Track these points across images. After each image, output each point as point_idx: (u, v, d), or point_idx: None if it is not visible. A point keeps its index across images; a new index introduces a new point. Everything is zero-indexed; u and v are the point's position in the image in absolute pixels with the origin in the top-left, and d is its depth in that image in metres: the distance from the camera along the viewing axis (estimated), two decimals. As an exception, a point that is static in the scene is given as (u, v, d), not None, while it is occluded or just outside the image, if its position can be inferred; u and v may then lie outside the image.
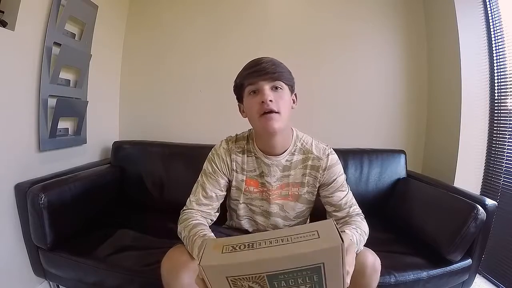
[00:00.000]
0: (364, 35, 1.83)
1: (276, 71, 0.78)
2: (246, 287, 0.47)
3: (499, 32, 1.48)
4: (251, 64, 0.81)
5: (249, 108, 0.82)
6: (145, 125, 1.92)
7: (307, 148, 0.91)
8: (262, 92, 0.78)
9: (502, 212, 1.38)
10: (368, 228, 0.86)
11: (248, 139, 0.93)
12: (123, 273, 1.04)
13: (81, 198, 1.25)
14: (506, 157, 1.45)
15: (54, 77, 1.31)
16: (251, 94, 0.81)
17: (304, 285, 0.48)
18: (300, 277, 0.47)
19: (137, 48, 1.89)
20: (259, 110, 0.78)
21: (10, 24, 1.10)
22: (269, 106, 0.77)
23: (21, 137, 1.20)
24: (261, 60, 0.80)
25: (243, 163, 0.91)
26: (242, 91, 0.84)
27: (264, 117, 0.78)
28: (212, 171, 0.91)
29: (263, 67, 0.78)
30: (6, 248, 1.13)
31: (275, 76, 0.78)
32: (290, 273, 0.46)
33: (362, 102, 1.86)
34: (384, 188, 1.56)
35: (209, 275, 0.46)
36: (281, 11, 1.85)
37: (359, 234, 0.79)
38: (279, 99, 0.79)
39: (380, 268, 0.79)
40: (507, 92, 1.47)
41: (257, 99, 0.79)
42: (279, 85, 0.80)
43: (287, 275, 0.46)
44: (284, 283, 0.47)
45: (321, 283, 0.47)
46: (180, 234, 0.83)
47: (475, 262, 1.18)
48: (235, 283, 0.47)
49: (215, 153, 0.92)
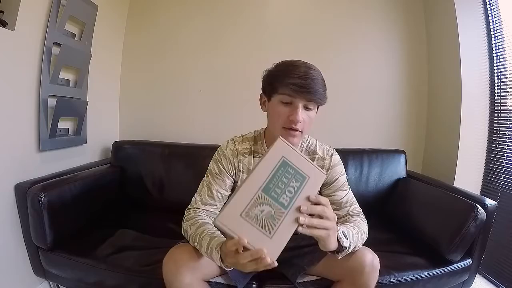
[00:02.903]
0: (364, 35, 1.83)
1: (316, 92, 0.76)
2: (259, 212, 0.58)
3: (499, 32, 1.48)
4: (294, 73, 0.75)
5: (275, 113, 0.80)
6: (145, 125, 1.92)
7: (312, 149, 0.94)
8: (296, 111, 0.76)
9: (502, 212, 1.38)
10: (367, 228, 0.86)
11: (256, 140, 0.94)
12: (123, 273, 1.04)
13: (81, 198, 1.25)
14: (506, 157, 1.45)
15: (54, 77, 1.31)
16: (284, 103, 0.78)
17: (292, 182, 0.61)
18: (283, 177, 0.61)
19: (137, 48, 1.89)
20: (285, 123, 0.78)
21: (10, 24, 1.10)
22: (297, 126, 0.77)
23: (21, 137, 1.20)
24: (305, 73, 0.75)
25: (250, 164, 0.92)
26: (273, 92, 0.80)
27: (287, 132, 0.78)
28: (218, 172, 0.91)
29: (306, 83, 0.74)
30: (6, 248, 1.13)
31: (312, 98, 0.76)
32: (274, 178, 0.60)
33: (362, 102, 1.86)
34: (384, 188, 1.57)
35: (228, 224, 0.56)
36: (281, 11, 1.85)
37: (356, 232, 0.79)
38: (307, 118, 0.79)
39: (378, 266, 0.80)
40: (507, 92, 1.47)
41: (286, 112, 0.77)
42: (312, 105, 0.79)
43: (274, 181, 0.60)
44: (277, 188, 0.60)
45: (299, 174, 0.63)
46: (186, 232, 0.84)
47: (475, 262, 1.18)
48: (248, 214, 0.57)
49: (222, 154, 0.92)
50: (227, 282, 0.91)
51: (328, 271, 0.89)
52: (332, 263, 0.84)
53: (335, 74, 1.84)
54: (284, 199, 0.60)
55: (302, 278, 0.93)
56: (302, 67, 0.77)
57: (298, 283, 0.91)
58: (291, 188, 0.61)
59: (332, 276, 0.89)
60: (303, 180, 0.62)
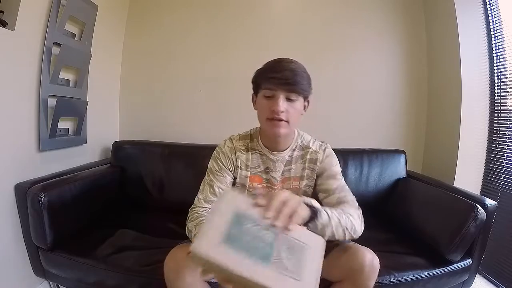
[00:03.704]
0: (364, 35, 1.83)
1: (295, 82, 0.79)
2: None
3: (499, 32, 1.48)
4: (274, 68, 0.81)
5: (260, 108, 0.86)
6: (145, 125, 1.92)
7: (305, 144, 0.97)
8: (276, 101, 0.80)
9: (502, 212, 1.38)
10: (358, 214, 0.83)
11: (252, 137, 0.97)
12: (123, 273, 1.04)
13: (81, 198, 1.25)
14: (506, 157, 1.45)
15: (54, 77, 1.31)
16: (266, 97, 0.83)
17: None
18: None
19: (137, 48, 1.89)
20: (269, 115, 0.82)
21: (10, 24, 1.10)
22: (279, 115, 0.80)
23: (21, 137, 1.20)
24: (284, 66, 0.80)
25: (247, 160, 0.94)
26: (258, 89, 0.86)
27: (272, 123, 0.82)
28: (218, 169, 0.93)
29: (284, 75, 0.78)
30: (6, 248, 1.14)
31: (293, 88, 0.80)
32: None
33: (362, 102, 1.86)
34: (384, 188, 1.57)
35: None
36: (280, 12, 1.85)
37: (338, 212, 0.76)
38: (290, 109, 0.81)
39: (378, 267, 0.79)
40: (507, 92, 1.47)
41: (269, 104, 0.81)
42: (294, 96, 0.81)
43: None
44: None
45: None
46: (190, 232, 0.84)
47: (475, 262, 1.18)
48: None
49: (220, 151, 0.95)
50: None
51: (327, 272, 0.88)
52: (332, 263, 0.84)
53: (335, 74, 1.84)
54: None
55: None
56: (283, 62, 0.82)
57: None
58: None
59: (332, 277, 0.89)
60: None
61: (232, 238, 0.49)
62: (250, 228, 0.52)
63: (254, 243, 0.50)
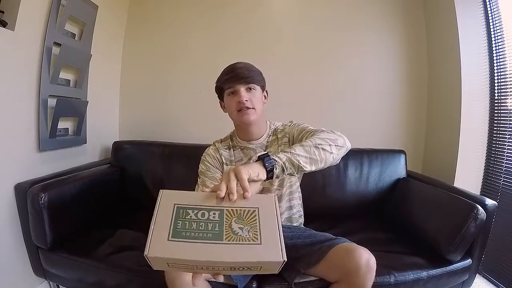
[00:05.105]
0: (364, 35, 1.83)
1: (250, 76, 0.94)
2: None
3: (499, 32, 1.48)
4: (228, 70, 0.96)
5: (229, 106, 0.98)
6: (145, 125, 1.92)
7: (277, 128, 1.07)
8: (239, 94, 0.93)
9: (502, 212, 1.38)
10: (334, 136, 0.85)
11: (231, 137, 1.09)
12: (123, 273, 1.04)
13: (81, 198, 1.25)
14: (506, 157, 1.45)
15: (54, 77, 1.31)
16: (230, 95, 0.96)
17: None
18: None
19: (137, 48, 1.89)
20: (237, 107, 0.94)
21: (10, 24, 1.10)
22: (245, 104, 0.93)
23: (21, 137, 1.20)
24: (236, 66, 0.95)
25: (231, 156, 1.04)
26: (222, 93, 1.00)
27: (241, 112, 0.94)
28: (206, 169, 1.02)
29: (238, 73, 0.93)
30: (6, 248, 1.14)
31: (248, 80, 0.94)
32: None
33: (362, 102, 1.86)
34: (384, 188, 1.56)
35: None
36: (281, 12, 1.85)
37: (299, 145, 0.76)
38: (253, 97, 0.95)
39: (375, 267, 0.79)
40: (507, 92, 1.47)
41: (235, 99, 0.94)
42: (252, 86, 0.95)
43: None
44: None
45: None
46: None
47: (475, 262, 1.18)
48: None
49: (206, 154, 1.07)
50: (228, 281, 0.91)
51: (324, 273, 0.89)
52: (329, 264, 0.84)
53: (335, 75, 1.84)
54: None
55: (300, 278, 0.93)
56: (234, 64, 0.97)
57: (295, 283, 0.93)
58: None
59: (329, 277, 0.89)
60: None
61: (178, 231, 0.51)
62: (193, 215, 0.54)
63: (201, 227, 0.52)
